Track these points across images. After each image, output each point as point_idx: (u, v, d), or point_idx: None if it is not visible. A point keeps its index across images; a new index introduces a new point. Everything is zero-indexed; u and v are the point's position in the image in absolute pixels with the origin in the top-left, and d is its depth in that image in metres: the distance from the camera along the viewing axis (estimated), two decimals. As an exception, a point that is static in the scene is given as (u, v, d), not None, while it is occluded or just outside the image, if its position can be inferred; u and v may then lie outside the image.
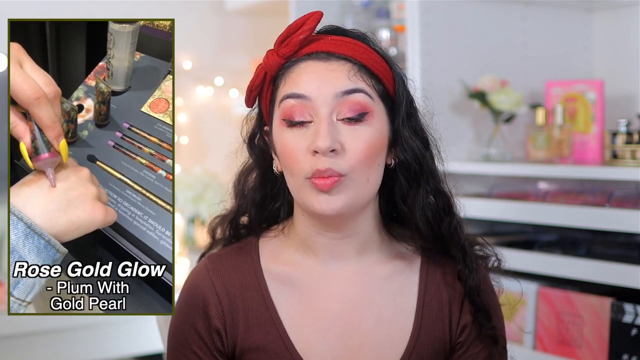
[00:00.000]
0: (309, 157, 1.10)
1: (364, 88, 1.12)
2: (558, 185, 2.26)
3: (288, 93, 1.12)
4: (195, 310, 1.19)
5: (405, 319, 1.19)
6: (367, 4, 2.62)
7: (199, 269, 1.23)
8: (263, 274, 1.20)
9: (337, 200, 1.10)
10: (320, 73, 1.12)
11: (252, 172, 1.26)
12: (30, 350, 2.51)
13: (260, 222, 1.25)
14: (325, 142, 1.08)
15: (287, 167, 1.13)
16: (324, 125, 1.09)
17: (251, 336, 1.17)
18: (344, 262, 1.19)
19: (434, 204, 1.18)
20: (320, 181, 1.09)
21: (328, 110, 1.10)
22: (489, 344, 1.20)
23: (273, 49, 1.15)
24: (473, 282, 1.19)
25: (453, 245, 1.20)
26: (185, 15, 3.12)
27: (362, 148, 1.10)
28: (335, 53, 1.13)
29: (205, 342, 1.18)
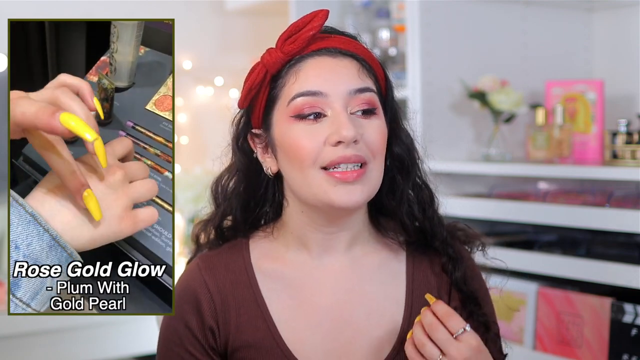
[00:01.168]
0: (329, 149, 1.11)
1: (372, 87, 1.15)
2: (558, 185, 2.26)
3: (301, 91, 1.12)
4: (188, 309, 1.19)
5: (396, 307, 1.20)
6: (367, 4, 2.61)
7: (191, 268, 1.23)
8: (254, 271, 1.21)
9: (359, 191, 1.12)
10: (332, 68, 1.13)
11: (232, 177, 1.25)
12: (30, 350, 2.51)
13: (245, 224, 1.25)
14: (350, 132, 1.09)
15: (296, 161, 1.13)
16: (344, 117, 1.11)
17: (242, 333, 1.18)
18: (335, 256, 1.20)
19: (418, 198, 1.22)
20: (344, 175, 1.10)
21: (343, 104, 1.12)
22: (482, 331, 1.20)
23: (275, 47, 1.15)
24: (459, 273, 1.21)
25: (435, 239, 1.23)
26: (185, 15, 3.12)
27: (378, 138, 1.14)
28: (343, 50, 1.15)
29: (198, 340, 1.18)
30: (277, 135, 1.15)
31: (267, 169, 1.19)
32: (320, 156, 1.11)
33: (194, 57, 3.15)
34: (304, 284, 1.20)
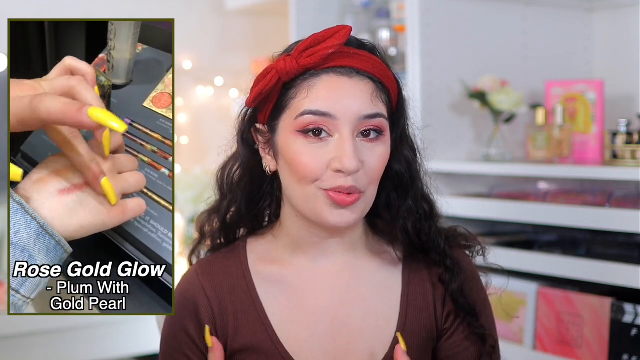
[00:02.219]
0: (330, 173, 1.10)
1: (383, 112, 1.13)
2: (558, 185, 2.26)
3: (311, 109, 1.10)
4: (186, 314, 1.19)
5: (391, 310, 1.20)
6: (367, 4, 2.61)
7: (189, 274, 1.24)
8: (251, 275, 1.21)
9: (350, 215, 1.12)
10: (346, 91, 1.11)
11: (237, 167, 1.25)
12: (30, 350, 2.51)
13: (250, 216, 1.25)
14: (352, 164, 1.08)
15: (297, 176, 1.12)
16: (350, 146, 1.09)
17: (240, 337, 1.18)
18: (332, 259, 1.20)
19: (415, 212, 1.20)
20: (340, 197, 1.10)
21: (351, 129, 1.10)
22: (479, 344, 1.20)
23: (291, 55, 1.12)
24: (455, 285, 1.20)
25: (432, 251, 1.22)
26: (185, 15, 3.12)
27: (379, 165, 1.13)
28: (359, 70, 1.12)
29: (197, 345, 1.19)
30: (280, 142, 1.14)
31: (266, 166, 1.19)
32: (320, 178, 1.11)
33: (194, 57, 3.15)
34: (300, 286, 1.19)
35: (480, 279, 1.26)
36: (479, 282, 1.26)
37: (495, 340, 1.23)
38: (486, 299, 1.26)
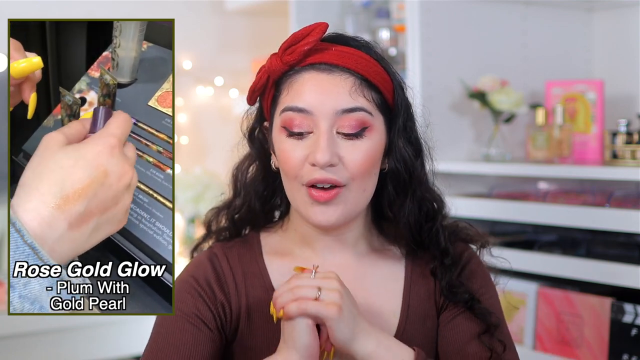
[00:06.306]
0: (308, 167, 1.13)
1: (364, 105, 1.14)
2: (558, 185, 2.26)
3: (290, 105, 1.14)
4: (203, 279, 1.20)
5: (394, 301, 1.22)
6: (367, 4, 2.62)
7: (207, 252, 1.25)
8: (265, 264, 1.23)
9: (333, 212, 1.14)
10: (322, 86, 1.13)
11: (252, 165, 1.28)
12: (30, 350, 2.51)
13: (262, 212, 1.28)
14: (324, 157, 1.10)
15: (284, 171, 1.17)
16: (324, 140, 1.11)
17: (251, 322, 1.20)
18: (339, 254, 1.23)
19: (417, 212, 1.21)
20: (317, 193, 1.13)
21: (328, 124, 1.12)
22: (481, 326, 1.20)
23: (277, 53, 1.16)
24: (444, 282, 1.21)
25: (433, 247, 1.23)
26: (185, 15, 3.12)
27: (360, 161, 1.14)
28: (339, 65, 1.14)
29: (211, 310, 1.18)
30: (273, 139, 1.19)
31: (273, 162, 1.22)
32: (300, 174, 1.13)
33: (194, 57, 3.15)
34: None
35: (481, 264, 1.27)
36: (483, 272, 1.27)
37: (500, 319, 1.22)
38: (489, 285, 1.26)
